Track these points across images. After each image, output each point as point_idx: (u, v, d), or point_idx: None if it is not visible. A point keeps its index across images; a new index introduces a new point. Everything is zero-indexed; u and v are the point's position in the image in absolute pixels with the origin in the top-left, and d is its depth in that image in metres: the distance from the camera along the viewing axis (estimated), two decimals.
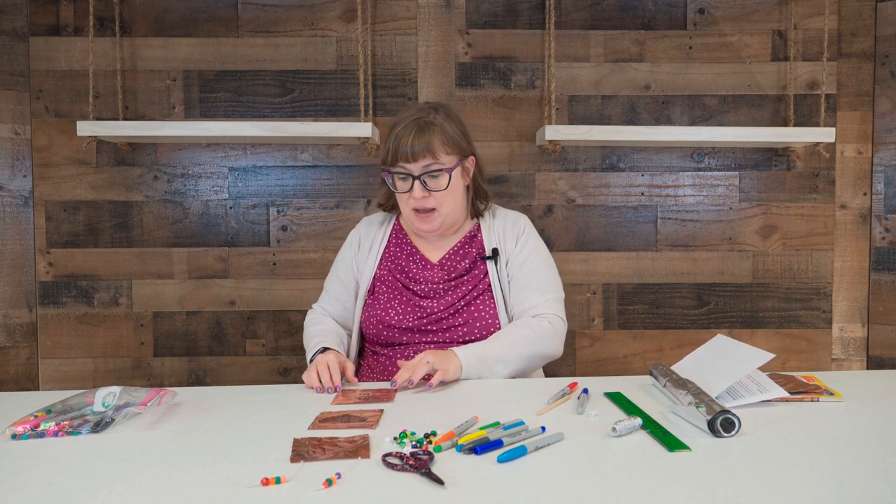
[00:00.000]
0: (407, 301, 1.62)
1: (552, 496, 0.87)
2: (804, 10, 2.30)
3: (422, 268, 1.65)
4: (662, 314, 2.35)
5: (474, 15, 2.29)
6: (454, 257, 1.66)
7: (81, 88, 2.23)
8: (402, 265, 1.66)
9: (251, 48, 2.27)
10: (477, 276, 1.63)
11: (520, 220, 1.71)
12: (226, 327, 2.32)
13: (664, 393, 1.33)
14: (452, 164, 1.57)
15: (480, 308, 1.60)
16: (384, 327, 1.61)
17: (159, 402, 1.23)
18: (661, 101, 2.31)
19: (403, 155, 1.53)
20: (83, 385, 2.29)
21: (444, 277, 1.63)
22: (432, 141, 1.54)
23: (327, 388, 1.38)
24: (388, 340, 1.62)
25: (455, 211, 1.62)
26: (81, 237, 2.28)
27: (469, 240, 1.67)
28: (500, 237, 1.67)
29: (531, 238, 1.67)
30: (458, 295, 1.61)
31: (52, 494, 0.89)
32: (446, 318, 1.60)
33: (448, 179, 1.56)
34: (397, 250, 1.69)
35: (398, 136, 1.55)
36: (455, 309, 1.60)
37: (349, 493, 0.88)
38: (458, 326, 1.59)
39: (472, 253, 1.65)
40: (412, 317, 1.60)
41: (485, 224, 1.69)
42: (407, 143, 1.53)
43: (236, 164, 2.30)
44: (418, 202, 1.57)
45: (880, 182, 2.32)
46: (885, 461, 0.97)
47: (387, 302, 1.63)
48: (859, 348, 2.37)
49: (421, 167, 1.55)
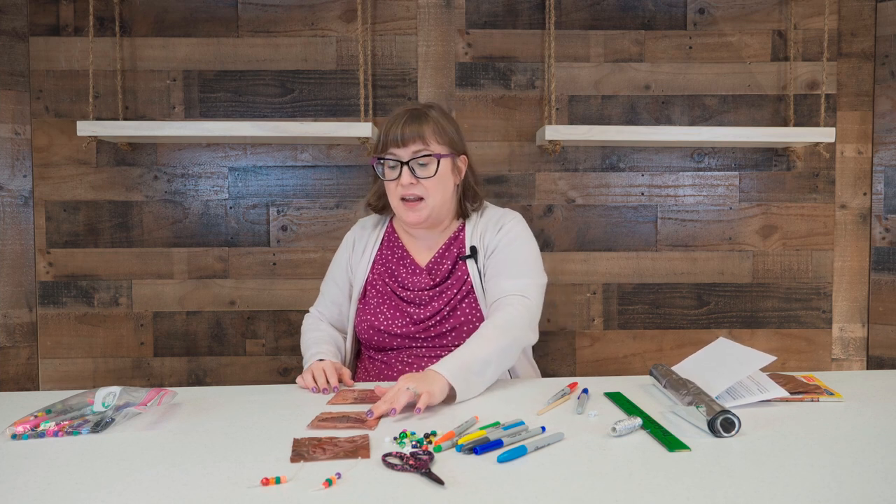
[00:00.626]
0: (395, 307, 1.61)
1: (552, 496, 0.87)
2: (804, 10, 2.30)
3: (410, 272, 1.64)
4: (662, 314, 2.35)
5: (474, 15, 2.29)
6: (440, 260, 1.63)
7: (81, 88, 2.23)
8: (392, 269, 1.65)
9: (251, 48, 2.27)
10: (460, 277, 1.61)
11: (506, 215, 1.65)
12: (226, 327, 2.32)
13: (664, 393, 1.33)
14: (442, 152, 1.56)
15: (466, 311, 1.58)
16: (375, 332, 1.60)
17: (159, 402, 1.23)
18: (661, 101, 2.31)
19: (393, 140, 1.53)
20: (83, 385, 2.29)
21: (430, 283, 1.61)
22: (423, 129, 1.54)
23: (322, 388, 1.38)
24: (380, 345, 1.61)
25: (443, 204, 1.59)
26: (81, 237, 2.28)
27: (453, 240, 1.65)
28: (482, 234, 1.63)
29: (513, 229, 1.61)
30: (444, 301, 1.59)
31: (52, 494, 0.89)
32: (434, 325, 1.58)
33: (437, 166, 1.54)
34: (388, 253, 1.68)
35: (389, 123, 1.56)
36: (441, 315, 1.58)
37: (349, 493, 0.88)
38: (447, 333, 1.58)
39: (453, 254, 1.63)
40: (401, 322, 1.59)
41: (469, 224, 1.66)
42: (398, 129, 1.53)
43: (236, 164, 2.30)
44: (406, 189, 1.55)
45: (880, 182, 2.32)
46: (885, 461, 0.97)
47: (376, 307, 1.62)
48: (859, 348, 2.37)
49: (410, 152, 1.53)
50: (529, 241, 1.63)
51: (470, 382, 1.32)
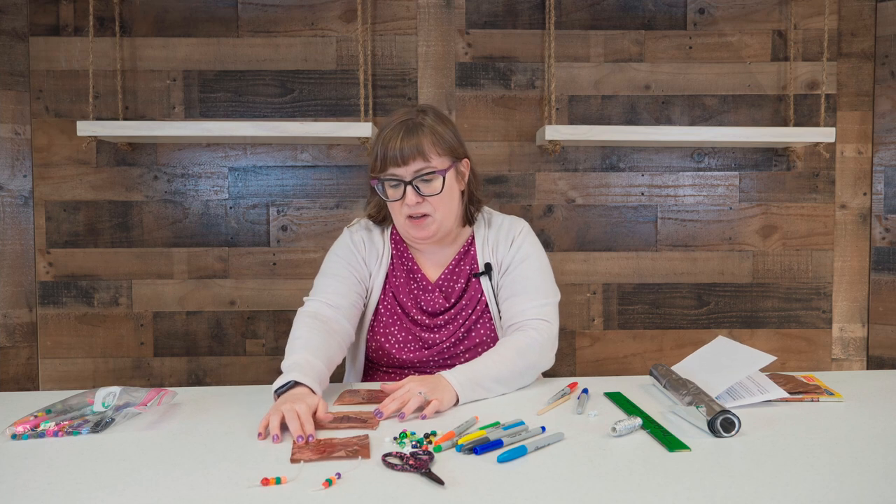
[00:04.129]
0: (407, 331, 1.55)
1: (552, 496, 0.87)
2: (804, 10, 2.30)
3: (422, 290, 1.57)
4: (662, 314, 2.35)
5: (474, 15, 2.29)
6: (451, 276, 1.57)
7: (81, 88, 2.23)
8: (402, 286, 1.57)
9: (251, 48, 2.27)
10: (474, 296, 1.55)
11: (515, 226, 1.60)
12: (226, 327, 2.32)
13: (664, 393, 1.33)
14: (445, 166, 1.47)
15: (481, 332, 1.54)
16: (384, 354, 1.55)
17: (159, 402, 1.23)
18: (661, 101, 2.31)
19: (392, 159, 1.43)
20: (83, 385, 2.29)
21: (444, 305, 1.55)
22: (422, 143, 1.44)
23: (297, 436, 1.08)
24: (390, 364, 1.57)
25: (450, 217, 1.52)
26: (81, 237, 2.28)
27: (463, 255, 1.58)
28: (493, 248, 1.57)
29: (525, 243, 1.57)
30: (458, 323, 1.54)
31: (52, 494, 0.89)
32: (448, 347, 1.54)
33: (442, 183, 1.46)
34: (399, 267, 1.58)
35: (385, 140, 1.45)
36: (456, 338, 1.54)
37: (349, 493, 0.88)
38: (461, 354, 1.53)
39: (465, 270, 1.57)
40: (413, 346, 1.54)
41: (479, 235, 1.59)
42: (395, 147, 1.43)
43: (236, 164, 2.30)
44: (412, 209, 1.46)
45: (880, 182, 2.32)
46: (885, 461, 0.97)
47: (386, 328, 1.56)
48: (859, 348, 2.37)
49: (412, 172, 1.44)
50: (542, 255, 1.59)
51: (476, 396, 1.33)
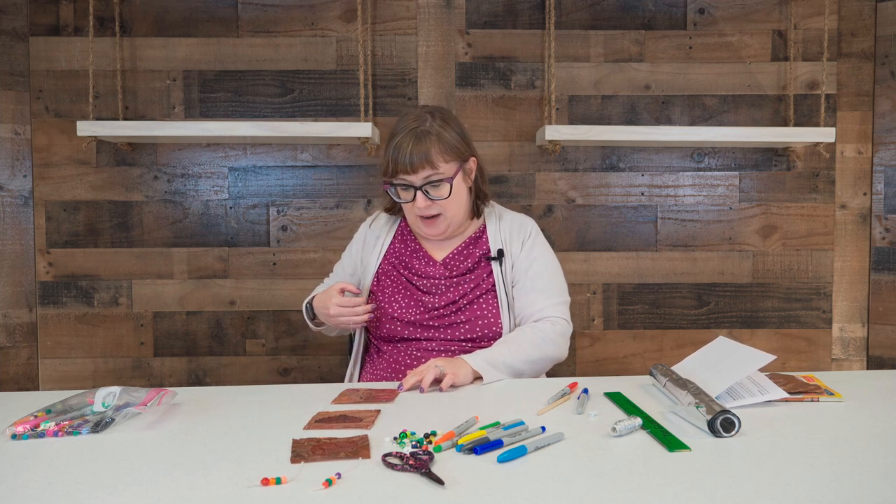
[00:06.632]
0: (409, 295, 1.64)
1: (552, 496, 0.87)
2: (804, 10, 2.29)
3: (425, 264, 1.67)
4: (662, 314, 2.35)
5: (474, 15, 2.29)
6: (458, 257, 1.67)
7: (81, 88, 2.23)
8: (405, 261, 1.69)
9: (251, 48, 2.27)
10: (480, 275, 1.64)
11: (526, 223, 1.72)
12: (226, 327, 2.32)
13: (664, 393, 1.33)
14: (452, 171, 1.58)
15: (483, 307, 1.61)
16: (387, 319, 1.63)
17: (159, 402, 1.23)
18: (661, 101, 2.31)
19: (403, 167, 1.54)
20: (83, 385, 2.29)
21: (447, 274, 1.65)
22: (430, 151, 1.54)
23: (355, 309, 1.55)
24: (391, 334, 1.63)
25: (460, 214, 1.64)
26: (81, 237, 2.28)
27: (474, 240, 1.69)
28: (507, 239, 1.68)
29: (538, 242, 1.68)
30: (461, 292, 1.62)
31: (52, 494, 0.89)
32: (448, 314, 1.61)
33: (450, 188, 1.57)
34: (402, 247, 1.71)
35: (396, 147, 1.56)
36: (458, 306, 1.62)
37: (349, 493, 0.88)
38: (460, 324, 1.60)
39: (476, 253, 1.67)
40: (415, 310, 1.62)
41: (491, 225, 1.70)
42: (405, 155, 1.54)
43: (236, 164, 2.30)
44: (422, 210, 1.59)
45: (880, 182, 2.32)
46: (885, 461, 0.97)
47: (390, 295, 1.65)
48: (859, 348, 2.37)
49: (421, 178, 1.55)
50: (553, 256, 1.71)
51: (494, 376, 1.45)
